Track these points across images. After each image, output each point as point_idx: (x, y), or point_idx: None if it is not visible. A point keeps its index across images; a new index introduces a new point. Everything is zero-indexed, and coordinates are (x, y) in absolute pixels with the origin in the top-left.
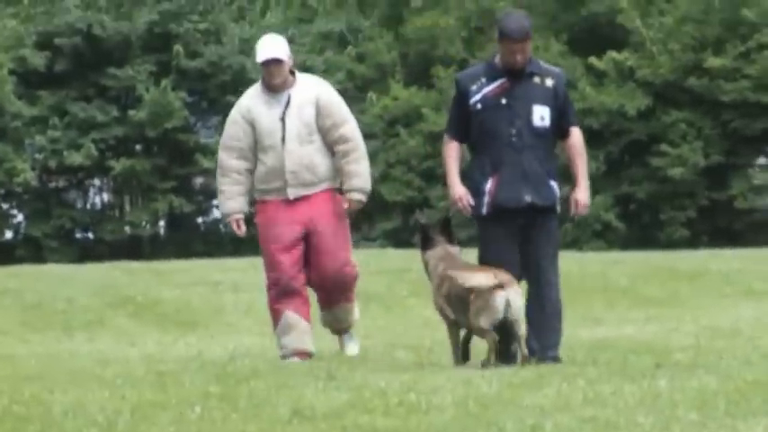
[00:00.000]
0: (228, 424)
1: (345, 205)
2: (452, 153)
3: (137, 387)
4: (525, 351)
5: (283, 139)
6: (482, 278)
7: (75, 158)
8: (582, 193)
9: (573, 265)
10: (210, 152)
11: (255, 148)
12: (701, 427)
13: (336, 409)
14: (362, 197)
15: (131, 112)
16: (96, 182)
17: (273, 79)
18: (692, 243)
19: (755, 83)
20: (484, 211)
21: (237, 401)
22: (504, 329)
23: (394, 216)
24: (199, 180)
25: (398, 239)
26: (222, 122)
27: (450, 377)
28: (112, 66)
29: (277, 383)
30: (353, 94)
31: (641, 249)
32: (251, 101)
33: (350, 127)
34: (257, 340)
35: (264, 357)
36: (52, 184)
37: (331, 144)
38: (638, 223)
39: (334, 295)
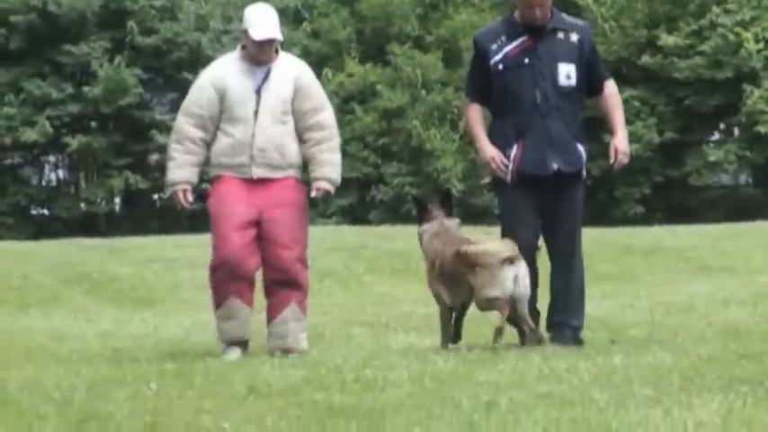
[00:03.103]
0: (184, 401)
1: (313, 193)
2: (476, 115)
3: (92, 364)
4: (531, 324)
5: (256, 113)
6: (493, 248)
7: (30, 135)
8: (621, 141)
9: None
10: (166, 129)
11: (218, 118)
12: (655, 402)
13: (292, 386)
14: (331, 188)
15: (86, 89)
16: (51, 159)
17: (263, 56)
18: (646, 219)
19: (709, 60)
20: (508, 178)
21: (193, 378)
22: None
23: (350, 193)
24: (154, 157)
25: (354, 216)
26: (179, 99)
27: (406, 353)
28: (67, 42)
29: (233, 360)
30: None
31: (596, 226)
32: (225, 68)
33: (328, 114)
34: (213, 317)
35: None
36: (7, 161)
37: (305, 129)
38: (593, 200)
39: (285, 293)
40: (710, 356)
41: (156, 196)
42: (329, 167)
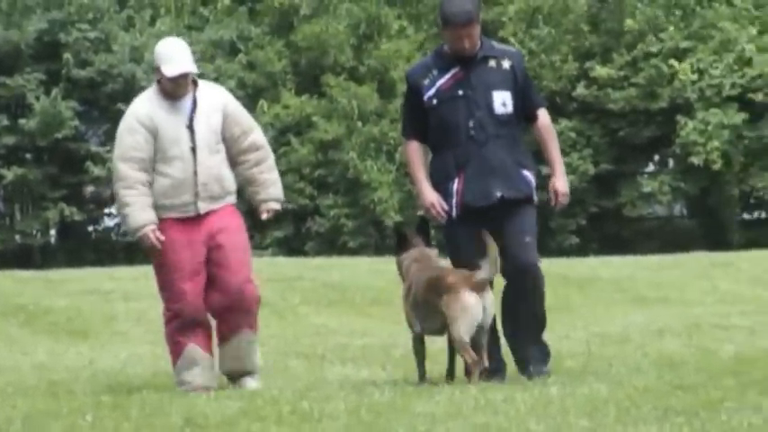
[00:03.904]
0: None
1: (263, 215)
2: (415, 156)
3: (28, 396)
4: (485, 357)
5: (194, 149)
6: (458, 280)
7: None
8: (561, 183)
9: None
10: (101, 160)
11: (154, 158)
12: None
13: (229, 418)
14: (279, 207)
15: (22, 121)
16: None
17: (179, 91)
18: (581, 250)
19: (643, 91)
20: (453, 213)
21: (129, 410)
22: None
23: (286, 224)
24: (90, 189)
25: (290, 248)
26: (113, 130)
27: (343, 385)
28: (2, 75)
29: (169, 392)
30: (244, 102)
31: None
32: (149, 107)
33: (259, 133)
34: (149, 349)
35: (156, 366)
36: None
37: (239, 153)
38: None
39: (236, 318)
40: (646, 387)
41: (91, 228)
42: (273, 187)
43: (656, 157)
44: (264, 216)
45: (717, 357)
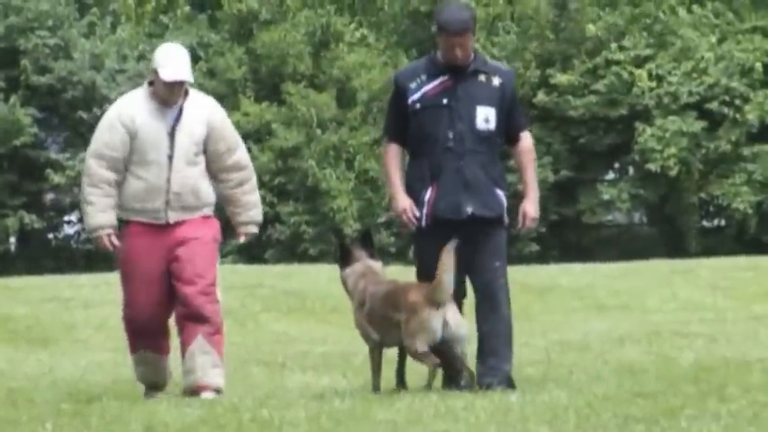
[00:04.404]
0: None
1: (241, 239)
2: (393, 158)
3: None
4: (470, 369)
5: (170, 157)
6: (416, 296)
7: None
8: (531, 207)
9: None
10: (61, 168)
11: (129, 160)
12: None
13: (189, 426)
14: (257, 230)
15: None
16: None
17: (172, 97)
18: (541, 258)
19: (603, 98)
20: (423, 223)
21: (89, 418)
22: (445, 350)
23: None
24: (49, 196)
25: (251, 255)
26: (73, 138)
27: (303, 393)
28: None
29: (129, 400)
30: None
31: None
32: (134, 108)
33: (243, 153)
34: (109, 356)
35: (117, 374)
36: None
37: (221, 170)
38: None
39: (191, 328)
40: (606, 395)
41: (51, 236)
42: (255, 210)
43: (616, 165)
44: (242, 239)
45: (676, 365)
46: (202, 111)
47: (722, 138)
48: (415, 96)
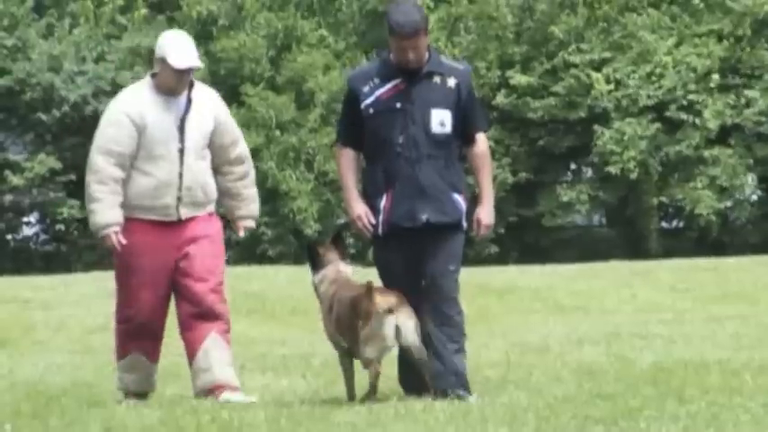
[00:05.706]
0: None
1: (241, 233)
2: (347, 164)
3: None
4: (431, 371)
5: (181, 151)
6: (367, 303)
7: None
8: (485, 212)
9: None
10: (20, 170)
11: (134, 156)
12: None
13: (148, 427)
14: (254, 224)
15: None
16: None
17: (181, 86)
18: (501, 259)
19: (562, 100)
20: (380, 230)
21: (48, 419)
22: (407, 356)
23: None
24: (8, 197)
25: None
26: (33, 140)
27: (263, 394)
28: None
29: (89, 401)
30: None
31: None
32: (140, 101)
33: (244, 146)
34: (68, 358)
35: (76, 375)
36: None
37: (224, 163)
38: None
39: (203, 326)
40: (565, 396)
41: (9, 237)
42: (254, 204)
43: (574, 167)
44: (242, 233)
45: (636, 366)
46: (210, 104)
47: (681, 141)
48: (369, 101)
